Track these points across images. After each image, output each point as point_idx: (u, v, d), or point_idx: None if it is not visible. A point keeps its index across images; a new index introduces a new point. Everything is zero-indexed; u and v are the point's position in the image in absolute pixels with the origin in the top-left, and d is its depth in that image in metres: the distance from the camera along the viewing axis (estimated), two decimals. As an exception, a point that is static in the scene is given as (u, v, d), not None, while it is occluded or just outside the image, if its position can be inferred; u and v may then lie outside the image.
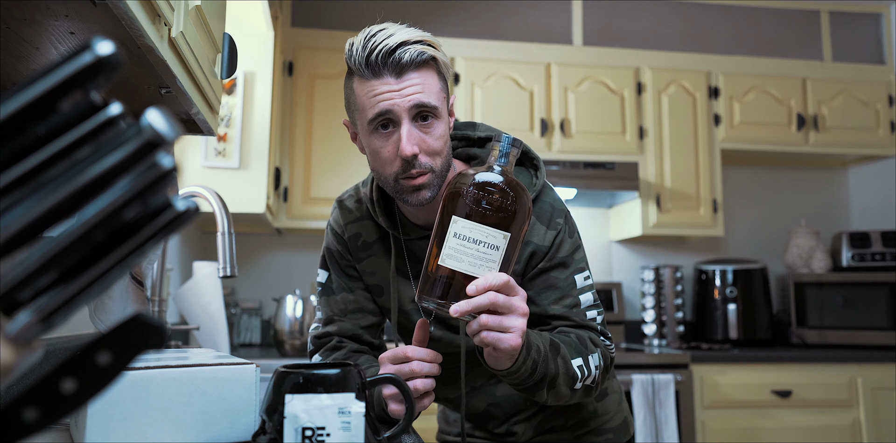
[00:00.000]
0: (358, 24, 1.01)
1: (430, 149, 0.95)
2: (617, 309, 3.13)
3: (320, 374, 0.74)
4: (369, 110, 0.94)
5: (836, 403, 2.64)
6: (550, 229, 1.05)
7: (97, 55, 0.27)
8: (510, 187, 0.84)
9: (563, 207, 1.08)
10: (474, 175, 0.84)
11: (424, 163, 0.94)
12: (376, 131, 0.95)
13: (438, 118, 0.96)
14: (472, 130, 1.12)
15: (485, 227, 0.83)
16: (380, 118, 0.94)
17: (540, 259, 1.05)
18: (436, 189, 0.97)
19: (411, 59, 0.92)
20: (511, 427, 1.16)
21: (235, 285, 3.00)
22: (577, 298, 1.04)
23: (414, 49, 0.92)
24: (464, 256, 0.83)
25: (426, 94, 0.94)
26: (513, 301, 0.82)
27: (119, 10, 0.65)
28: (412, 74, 0.93)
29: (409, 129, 0.93)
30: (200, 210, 0.33)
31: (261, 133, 2.42)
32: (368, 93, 0.94)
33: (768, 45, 3.26)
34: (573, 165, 2.86)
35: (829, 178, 3.55)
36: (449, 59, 1.01)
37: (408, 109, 0.93)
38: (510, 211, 0.83)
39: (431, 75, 0.96)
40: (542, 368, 0.90)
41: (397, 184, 0.96)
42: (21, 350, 0.27)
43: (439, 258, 0.83)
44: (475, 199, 0.83)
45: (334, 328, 1.14)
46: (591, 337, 1.02)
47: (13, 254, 0.26)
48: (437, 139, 0.96)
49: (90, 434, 0.71)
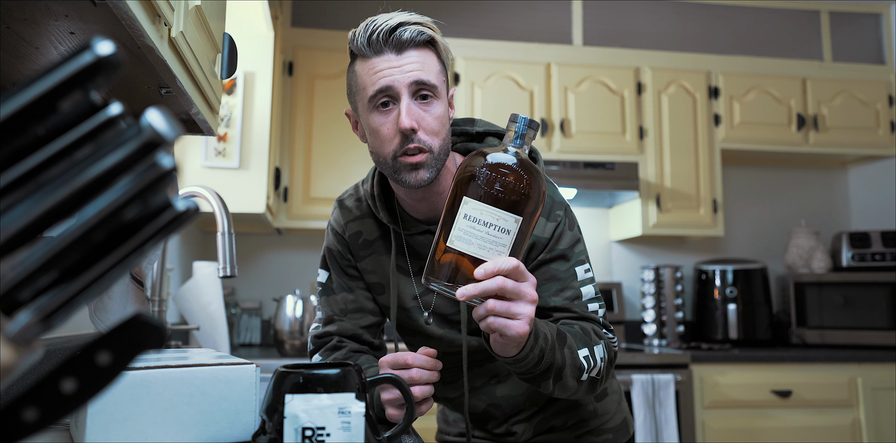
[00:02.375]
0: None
1: (428, 127, 0.96)
2: (617, 309, 3.13)
3: (320, 374, 0.74)
4: (370, 88, 0.96)
5: (836, 403, 2.64)
6: (550, 221, 1.05)
7: (97, 55, 0.27)
8: (524, 170, 0.80)
9: (562, 200, 1.08)
10: (487, 156, 0.81)
11: (423, 139, 0.95)
12: (376, 109, 0.97)
13: (438, 98, 0.98)
14: (471, 125, 1.13)
15: (496, 209, 0.79)
16: (380, 95, 0.95)
17: (540, 251, 1.04)
18: (434, 171, 0.97)
19: (411, 37, 0.95)
20: (510, 427, 1.16)
21: (235, 285, 3.00)
22: (579, 289, 1.04)
23: (414, 28, 0.95)
24: (473, 239, 0.80)
25: (426, 72, 0.96)
26: (521, 287, 0.80)
27: (119, 10, 0.65)
28: (412, 52, 0.96)
29: (408, 104, 0.95)
30: (200, 210, 0.33)
31: (261, 133, 2.42)
32: (370, 70, 0.96)
33: (768, 45, 3.26)
34: (573, 164, 2.86)
35: (829, 178, 3.55)
36: (449, 45, 1.02)
37: (407, 85, 0.94)
38: (523, 194, 0.80)
39: (431, 56, 0.98)
40: (549, 356, 0.89)
41: (395, 162, 0.96)
42: (21, 350, 0.27)
43: (448, 240, 0.80)
44: (488, 180, 0.80)
45: (334, 328, 1.15)
46: (594, 329, 1.01)
47: (13, 254, 0.26)
48: (436, 119, 0.97)
49: (90, 434, 0.71)
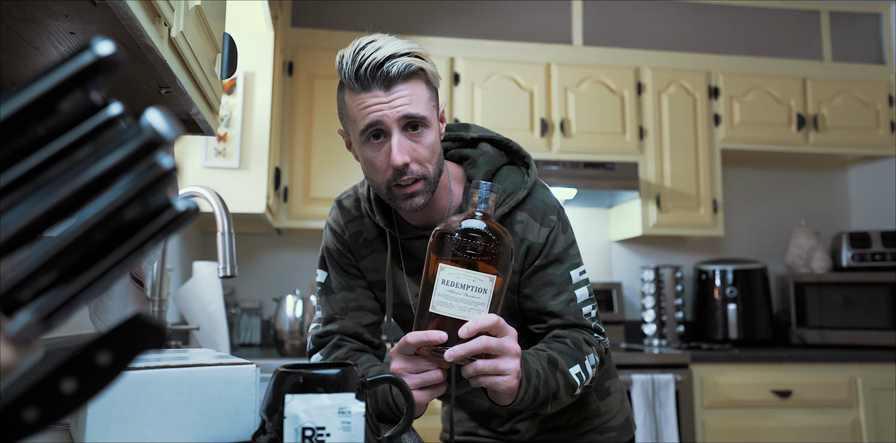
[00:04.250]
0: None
1: (420, 157, 0.98)
2: (617, 309, 3.13)
3: (320, 374, 0.74)
4: (360, 122, 0.97)
5: (836, 403, 2.64)
6: (544, 226, 1.07)
7: (97, 55, 0.27)
8: (492, 232, 0.88)
9: (555, 204, 1.11)
10: (459, 222, 0.89)
11: (415, 171, 0.97)
12: (368, 141, 0.98)
13: (428, 127, 0.99)
14: (466, 131, 1.15)
15: (472, 271, 0.87)
16: (371, 129, 0.96)
17: (535, 256, 1.07)
18: (428, 195, 1.00)
19: (399, 72, 0.94)
20: (514, 425, 1.17)
21: (235, 285, 3.00)
22: (573, 292, 1.07)
23: (401, 62, 0.94)
24: (453, 302, 0.87)
25: (414, 105, 0.96)
26: (504, 342, 0.86)
27: (119, 10, 0.65)
28: (400, 86, 0.96)
29: (399, 139, 0.96)
30: (200, 210, 0.33)
31: (261, 133, 2.42)
32: (359, 105, 0.96)
33: (768, 45, 3.26)
34: (573, 165, 2.86)
35: (829, 178, 3.55)
36: (437, 69, 1.03)
37: (397, 120, 0.95)
38: (494, 254, 0.88)
39: (420, 86, 0.98)
40: (543, 390, 0.94)
41: (390, 191, 1.00)
42: (21, 350, 0.27)
43: (431, 306, 0.88)
44: (460, 245, 0.87)
45: (335, 327, 1.15)
46: (585, 338, 1.05)
47: (13, 254, 0.26)
48: (427, 148, 0.98)
49: (90, 434, 0.71)
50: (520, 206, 1.08)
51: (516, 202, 1.06)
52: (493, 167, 1.10)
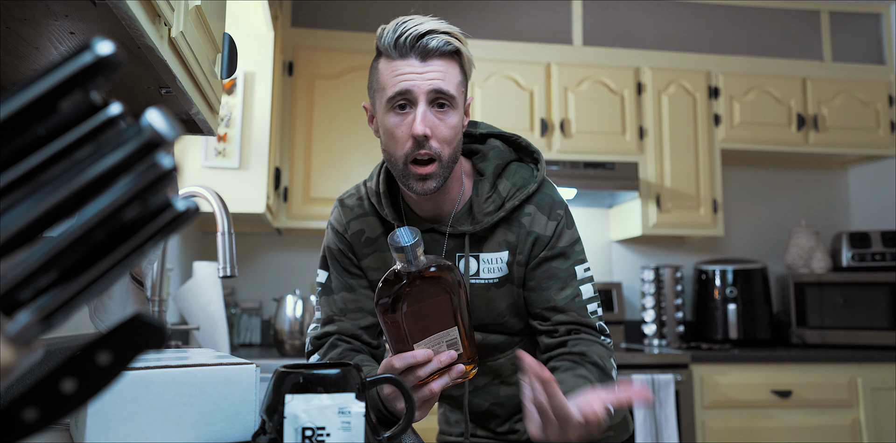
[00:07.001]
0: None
1: (441, 135, 0.98)
2: (617, 309, 3.13)
3: (320, 374, 0.74)
4: (390, 89, 0.98)
5: (836, 403, 2.64)
6: (552, 220, 1.09)
7: (97, 55, 0.27)
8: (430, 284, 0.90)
9: (562, 200, 1.13)
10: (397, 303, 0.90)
11: (434, 147, 0.98)
12: (393, 110, 0.99)
13: (455, 108, 0.99)
14: (474, 127, 1.17)
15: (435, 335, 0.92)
16: (399, 97, 0.97)
17: (542, 248, 1.08)
18: (441, 180, 1.00)
19: (437, 46, 0.97)
20: (513, 425, 1.17)
21: (235, 285, 3.00)
22: (578, 288, 1.07)
23: (441, 38, 0.97)
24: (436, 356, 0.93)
25: (446, 82, 0.97)
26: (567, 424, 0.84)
27: (119, 10, 0.65)
28: (436, 61, 0.97)
29: (424, 110, 0.97)
30: (200, 210, 0.33)
31: (261, 133, 2.42)
32: (392, 72, 0.98)
33: (768, 45, 3.26)
34: (573, 165, 2.86)
35: (829, 178, 3.55)
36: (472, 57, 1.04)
37: (426, 92, 0.96)
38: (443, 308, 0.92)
39: (454, 67, 1.00)
40: None
41: (406, 168, 0.99)
42: (21, 350, 0.27)
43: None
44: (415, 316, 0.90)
45: (334, 328, 1.15)
46: (598, 353, 1.04)
47: (13, 254, 0.26)
48: (450, 128, 0.99)
49: (90, 434, 0.71)
50: (529, 199, 1.09)
51: (526, 196, 1.08)
52: (503, 162, 1.11)
